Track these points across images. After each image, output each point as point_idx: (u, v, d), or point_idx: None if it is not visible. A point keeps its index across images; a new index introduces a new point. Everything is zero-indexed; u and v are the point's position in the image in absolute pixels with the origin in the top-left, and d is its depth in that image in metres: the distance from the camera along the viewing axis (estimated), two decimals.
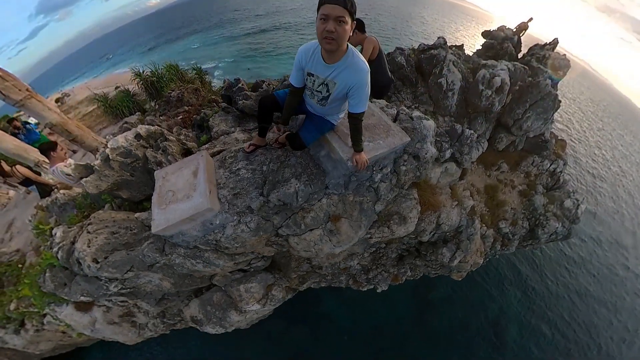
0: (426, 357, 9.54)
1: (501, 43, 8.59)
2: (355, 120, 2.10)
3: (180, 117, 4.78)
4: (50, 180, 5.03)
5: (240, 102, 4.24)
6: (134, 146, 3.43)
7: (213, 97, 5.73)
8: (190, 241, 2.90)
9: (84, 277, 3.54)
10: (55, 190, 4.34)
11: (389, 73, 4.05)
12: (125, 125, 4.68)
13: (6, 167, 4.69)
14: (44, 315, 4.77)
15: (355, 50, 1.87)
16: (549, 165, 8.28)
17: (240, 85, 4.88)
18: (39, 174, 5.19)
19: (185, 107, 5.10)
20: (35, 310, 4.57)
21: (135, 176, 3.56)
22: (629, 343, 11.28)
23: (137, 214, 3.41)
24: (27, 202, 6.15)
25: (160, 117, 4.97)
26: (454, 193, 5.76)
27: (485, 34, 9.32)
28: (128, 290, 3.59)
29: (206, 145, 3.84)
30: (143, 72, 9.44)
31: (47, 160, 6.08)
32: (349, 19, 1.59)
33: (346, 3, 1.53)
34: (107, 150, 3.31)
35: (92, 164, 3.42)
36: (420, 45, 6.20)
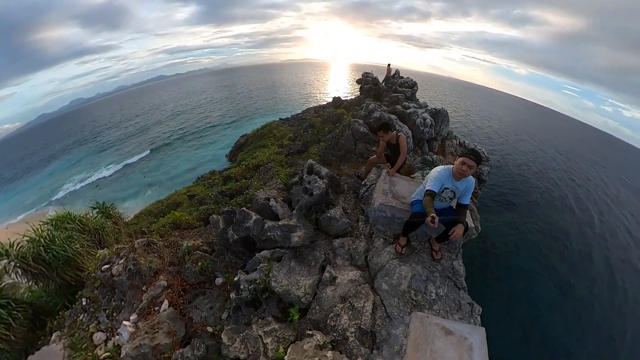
0: None
1: (376, 85, 11.06)
2: (465, 207, 3.34)
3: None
4: None
5: (294, 237, 3.88)
6: None
7: (191, 242, 4.40)
8: None
9: None
10: None
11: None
12: None
13: None
14: None
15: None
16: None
17: (255, 217, 4.24)
18: None
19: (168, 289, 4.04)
20: None
21: None
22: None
23: None
24: None
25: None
26: None
27: (359, 81, 11.76)
28: None
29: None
30: (12, 244, 5.37)
31: None
32: (475, 167, 2.96)
33: (478, 160, 2.92)
34: None
35: None
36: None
